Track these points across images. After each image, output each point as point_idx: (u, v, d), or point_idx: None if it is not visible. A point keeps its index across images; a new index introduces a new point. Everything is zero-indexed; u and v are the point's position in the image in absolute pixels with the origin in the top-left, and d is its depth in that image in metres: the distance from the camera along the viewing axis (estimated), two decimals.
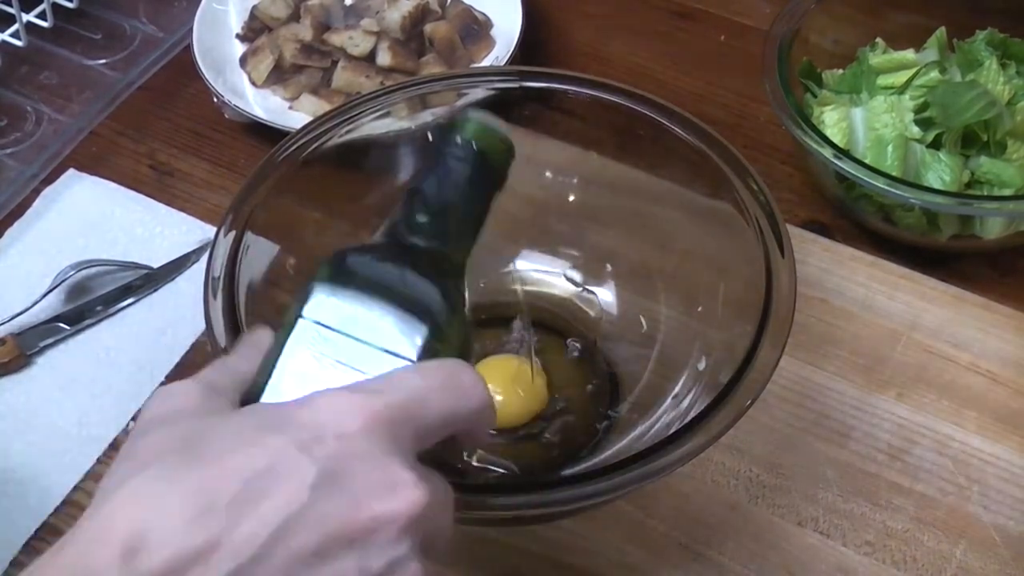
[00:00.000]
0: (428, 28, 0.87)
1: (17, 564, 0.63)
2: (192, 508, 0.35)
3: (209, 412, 0.40)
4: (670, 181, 0.64)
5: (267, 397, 0.42)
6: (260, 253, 0.60)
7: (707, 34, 0.93)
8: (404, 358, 0.43)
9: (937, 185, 0.72)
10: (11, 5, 0.86)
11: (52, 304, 0.74)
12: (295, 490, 0.36)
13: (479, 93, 0.68)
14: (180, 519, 0.35)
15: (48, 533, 0.64)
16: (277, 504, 0.35)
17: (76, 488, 0.66)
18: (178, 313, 0.74)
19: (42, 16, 0.90)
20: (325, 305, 0.44)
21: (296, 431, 0.37)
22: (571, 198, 0.69)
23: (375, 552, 0.37)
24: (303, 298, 0.44)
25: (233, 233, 0.58)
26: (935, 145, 0.74)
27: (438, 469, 0.41)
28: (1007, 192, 0.73)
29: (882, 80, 0.78)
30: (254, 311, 0.57)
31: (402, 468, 0.38)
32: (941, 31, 0.81)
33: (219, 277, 0.57)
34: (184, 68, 0.88)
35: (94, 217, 0.80)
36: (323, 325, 0.43)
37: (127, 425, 0.69)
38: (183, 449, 0.37)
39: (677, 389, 0.61)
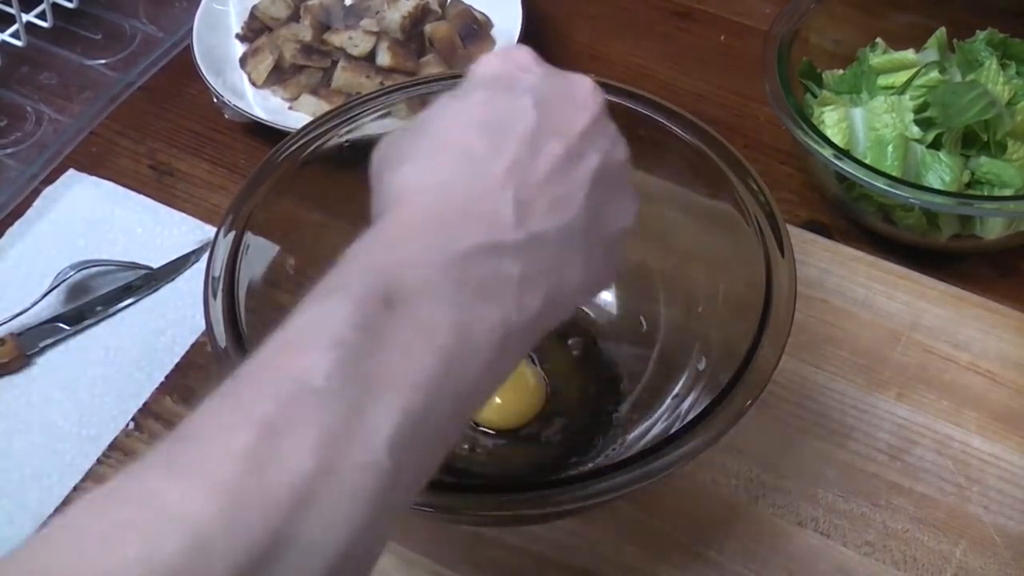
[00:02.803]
0: (428, 28, 0.87)
1: None
2: (465, 161, 0.43)
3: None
4: (670, 181, 0.64)
5: None
6: (260, 253, 0.60)
7: (707, 34, 0.93)
8: None
9: (937, 185, 0.72)
10: (11, 5, 0.86)
11: (52, 304, 0.74)
12: (525, 116, 0.44)
13: None
14: (463, 170, 0.42)
15: None
16: (520, 131, 0.43)
17: (76, 488, 0.66)
18: (178, 313, 0.74)
19: (42, 16, 0.90)
20: None
21: (492, 83, 0.46)
22: None
23: (600, 136, 0.45)
24: None
25: (233, 233, 0.58)
26: (935, 145, 0.74)
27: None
28: (1007, 192, 0.73)
29: (882, 80, 0.78)
30: (254, 311, 0.58)
31: (576, 74, 0.47)
32: (941, 31, 0.81)
33: (219, 277, 0.57)
34: (184, 68, 0.88)
35: (94, 217, 0.80)
36: None
37: (127, 425, 0.69)
38: (420, 135, 0.45)
39: (677, 389, 0.61)
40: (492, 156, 0.43)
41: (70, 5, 0.92)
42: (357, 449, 0.34)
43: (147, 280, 0.76)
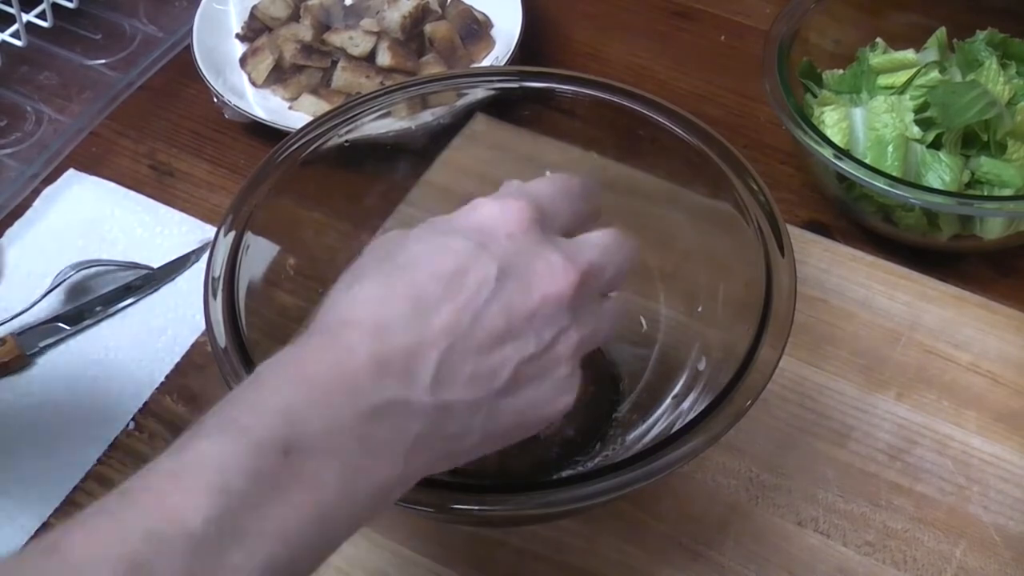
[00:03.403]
0: (428, 28, 0.87)
1: None
2: (410, 305, 0.43)
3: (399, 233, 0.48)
4: (670, 181, 0.64)
5: None
6: (260, 253, 0.60)
7: (707, 34, 0.93)
8: None
9: (937, 185, 0.72)
10: (11, 5, 0.86)
11: (52, 304, 0.74)
12: (484, 282, 0.44)
13: (479, 93, 0.68)
14: (404, 313, 0.43)
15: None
16: (471, 295, 0.44)
17: (76, 488, 0.66)
18: (178, 313, 0.74)
19: (42, 16, 0.90)
20: None
21: (474, 235, 0.46)
22: None
23: (546, 326, 0.45)
24: None
25: (233, 233, 0.58)
26: (935, 145, 0.74)
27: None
28: (1007, 192, 0.73)
29: (882, 80, 0.78)
30: (254, 311, 0.58)
31: (556, 255, 0.46)
32: (941, 31, 0.81)
33: (219, 277, 0.57)
34: (184, 68, 0.88)
35: (94, 217, 0.80)
36: None
37: (127, 425, 0.69)
38: (386, 259, 0.46)
39: (677, 389, 0.61)
40: (436, 310, 0.43)
41: (70, 5, 0.92)
42: None
43: (147, 280, 0.76)
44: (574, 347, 0.47)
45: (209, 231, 0.78)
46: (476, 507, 0.49)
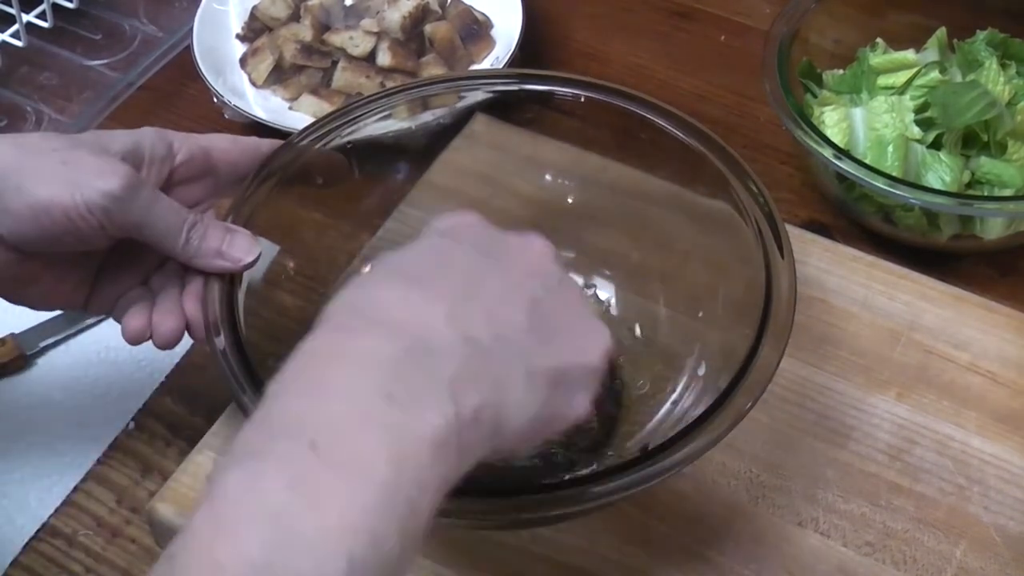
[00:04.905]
0: (428, 28, 0.87)
1: (17, 564, 0.63)
2: (410, 288, 0.43)
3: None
4: (669, 182, 0.64)
5: None
6: (261, 252, 0.60)
7: (707, 34, 0.93)
8: None
9: (937, 185, 0.72)
10: (11, 5, 0.86)
11: None
12: (468, 257, 0.45)
13: (480, 95, 0.68)
14: (405, 296, 0.42)
15: (48, 533, 0.64)
16: (464, 266, 0.45)
17: (76, 488, 0.66)
18: None
19: (42, 16, 0.90)
20: None
21: (447, 233, 0.47)
22: (570, 199, 0.69)
23: (544, 277, 0.46)
24: None
25: None
26: (935, 145, 0.74)
27: None
28: (1007, 192, 0.73)
29: (882, 80, 0.78)
30: (254, 311, 0.58)
31: (517, 234, 0.48)
32: (941, 31, 0.81)
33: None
34: (184, 68, 0.88)
35: None
36: None
37: (127, 425, 0.69)
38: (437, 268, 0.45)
39: (677, 391, 0.61)
40: (432, 282, 0.43)
41: (70, 5, 0.92)
42: None
43: None
44: (577, 295, 0.47)
45: None
46: (476, 511, 0.49)
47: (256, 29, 0.90)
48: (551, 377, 0.44)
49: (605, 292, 0.68)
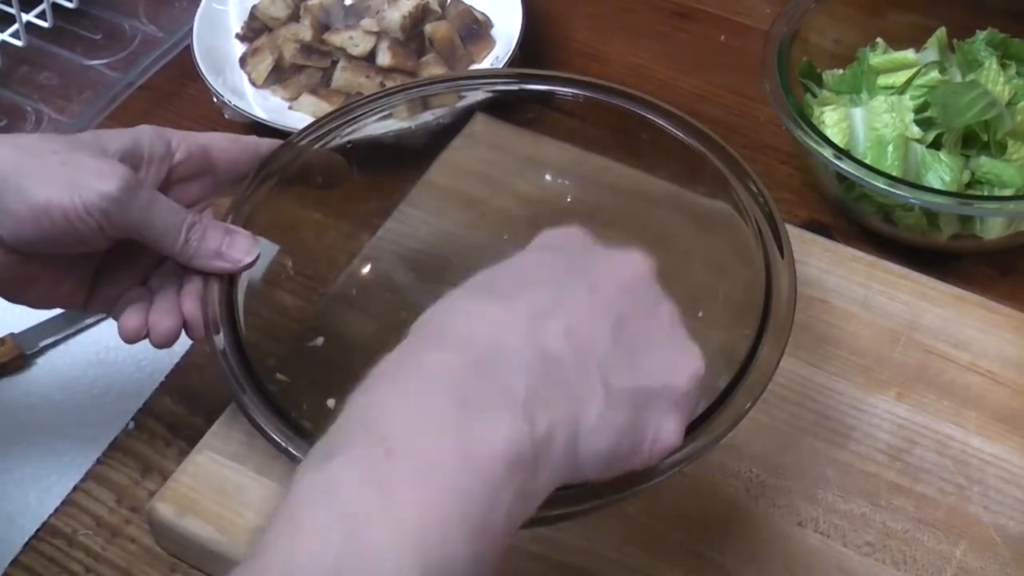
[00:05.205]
0: (428, 28, 0.87)
1: (17, 564, 0.63)
2: (491, 298, 0.43)
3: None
4: (669, 182, 0.64)
5: None
6: (260, 253, 0.60)
7: (707, 34, 0.93)
8: None
9: (937, 185, 0.72)
10: (11, 5, 0.86)
11: None
12: (557, 266, 0.45)
13: (480, 95, 0.68)
14: (522, 333, 0.41)
15: (48, 533, 0.64)
16: (551, 276, 0.44)
17: (76, 488, 0.66)
18: None
19: (42, 16, 0.90)
20: None
21: (545, 246, 0.47)
22: (570, 199, 0.69)
23: (635, 295, 0.45)
24: None
25: None
26: (935, 145, 0.74)
27: None
28: (1007, 192, 0.73)
29: (882, 80, 0.78)
30: (254, 311, 0.58)
31: (621, 250, 0.47)
32: (941, 31, 0.81)
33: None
34: (184, 68, 0.88)
35: None
36: None
37: (127, 425, 0.69)
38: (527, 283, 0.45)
39: None
40: (515, 296, 0.43)
41: (70, 5, 0.92)
42: None
43: None
44: (669, 315, 0.45)
45: None
46: None
47: (256, 29, 0.90)
48: (634, 398, 0.43)
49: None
